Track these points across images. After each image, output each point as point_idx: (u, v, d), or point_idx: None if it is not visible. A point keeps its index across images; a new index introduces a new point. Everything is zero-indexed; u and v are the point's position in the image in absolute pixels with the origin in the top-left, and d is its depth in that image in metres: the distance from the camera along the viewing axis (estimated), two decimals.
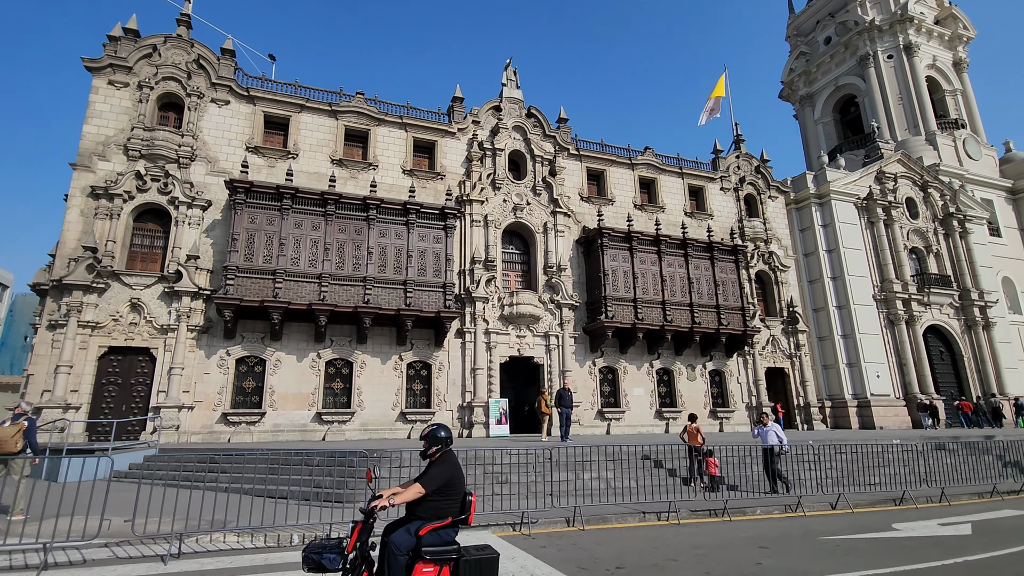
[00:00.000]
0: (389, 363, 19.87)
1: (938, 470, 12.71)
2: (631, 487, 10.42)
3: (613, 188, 25.64)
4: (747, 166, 29.00)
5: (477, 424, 19.91)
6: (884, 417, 25.85)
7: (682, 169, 27.15)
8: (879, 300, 28.14)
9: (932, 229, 31.02)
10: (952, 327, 29.59)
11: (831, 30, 42.98)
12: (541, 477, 10.36)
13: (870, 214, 29.40)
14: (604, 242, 22.66)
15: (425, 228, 20.23)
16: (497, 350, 21.25)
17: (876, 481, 12.16)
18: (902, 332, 27.77)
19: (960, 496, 11.00)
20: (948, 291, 29.42)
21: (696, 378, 24.49)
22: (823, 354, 27.65)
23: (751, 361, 25.56)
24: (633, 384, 23.30)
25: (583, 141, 25.68)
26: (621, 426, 22.51)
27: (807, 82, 44.90)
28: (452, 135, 23.23)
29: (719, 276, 24.60)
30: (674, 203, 26.71)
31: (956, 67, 40.23)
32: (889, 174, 30.77)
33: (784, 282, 27.62)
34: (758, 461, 12.12)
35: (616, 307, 22.19)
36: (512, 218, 22.92)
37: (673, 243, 23.97)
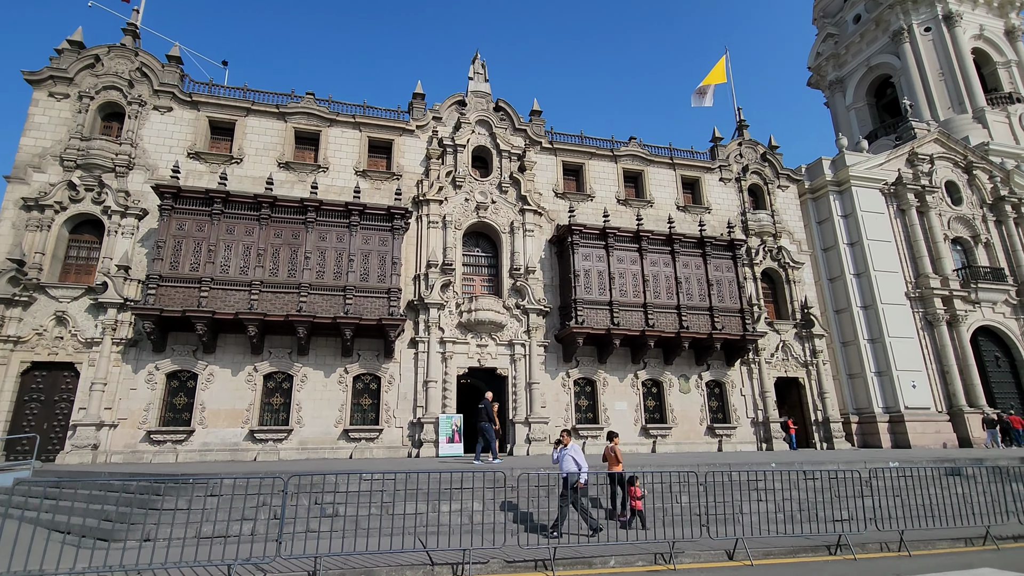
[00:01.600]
0: (333, 376, 18.44)
1: (937, 504, 9.81)
2: (504, 525, 8.32)
3: (593, 183, 23.49)
4: (751, 153, 26.11)
5: (427, 443, 18.08)
6: (922, 434, 22.05)
7: (673, 159, 24.66)
8: (913, 298, 24.39)
9: (980, 216, 26.90)
10: (1009, 328, 25.30)
11: (860, 7, 39.23)
12: (386, 510, 8.43)
13: (900, 201, 25.76)
14: (575, 240, 20.52)
15: (370, 230, 18.82)
16: (454, 361, 19.42)
17: (843, 517, 9.44)
18: (943, 335, 23.87)
19: (935, 542, 8.17)
20: (1002, 286, 25.22)
21: (690, 390, 21.71)
22: (848, 362, 24.14)
23: (757, 370, 22.50)
24: (614, 398, 20.83)
25: (559, 134, 23.76)
26: (600, 444, 20.03)
27: (836, 66, 41.11)
28: (411, 133, 21.88)
29: (713, 275, 21.86)
30: (664, 196, 24.22)
31: (1009, 36, 35.62)
32: (923, 155, 27.01)
33: (797, 280, 24.41)
34: (712, 489, 9.71)
35: (588, 311, 19.93)
36: (475, 218, 21.20)
37: (657, 239, 21.51)
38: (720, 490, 9.99)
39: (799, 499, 10.00)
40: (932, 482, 10.97)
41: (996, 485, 11.14)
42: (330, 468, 10.38)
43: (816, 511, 9.40)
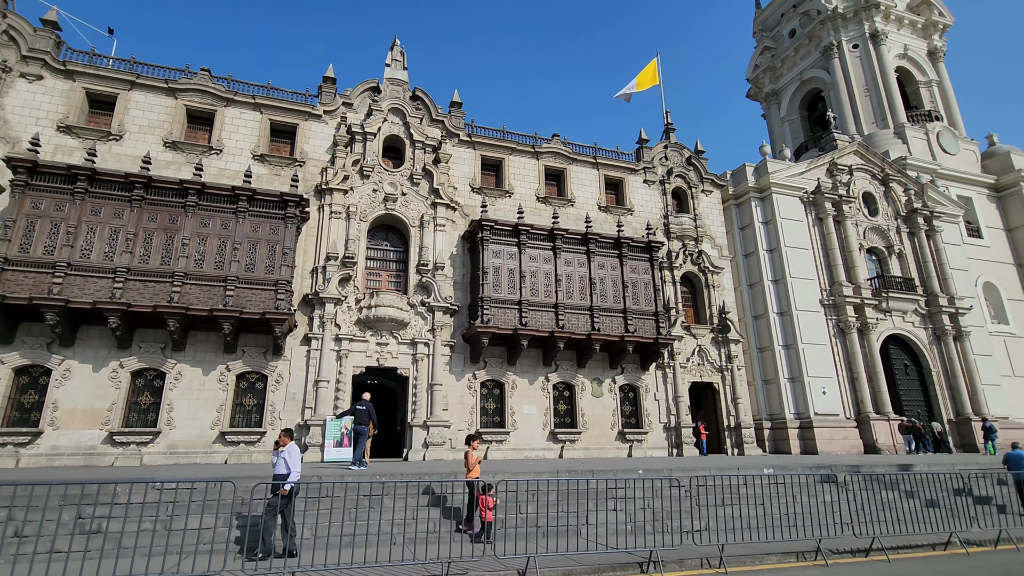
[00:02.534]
0: (213, 374, 17.00)
1: (800, 513, 9.34)
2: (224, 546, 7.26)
3: (512, 179, 22.77)
4: (677, 157, 25.97)
5: (313, 446, 16.85)
6: (830, 440, 22.15)
7: (597, 159, 24.21)
8: (827, 306, 24.63)
9: (894, 227, 27.52)
10: (918, 337, 25.88)
11: (796, 22, 40.15)
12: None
13: (818, 209, 26.07)
14: (485, 236, 19.71)
15: (260, 218, 17.50)
16: (350, 360, 18.27)
17: (696, 528, 8.84)
18: (854, 342, 24.17)
19: (763, 557, 7.58)
20: (912, 296, 25.79)
21: (603, 394, 21.17)
22: (763, 368, 24.14)
23: (672, 375, 22.17)
24: (523, 401, 20.07)
25: (480, 127, 22.95)
26: (504, 449, 19.25)
27: (772, 78, 41.98)
28: (317, 118, 20.66)
29: (629, 277, 21.44)
30: (586, 196, 23.72)
31: (931, 56, 36.99)
32: (843, 166, 27.49)
33: (716, 285, 24.30)
34: (571, 496, 8.95)
35: (495, 310, 19.12)
36: (382, 210, 20.13)
37: (572, 238, 20.93)
38: (578, 499, 9.25)
39: (657, 508, 9.38)
40: (804, 489, 10.56)
41: (867, 493, 10.82)
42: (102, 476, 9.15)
43: (671, 521, 8.78)
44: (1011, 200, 32.18)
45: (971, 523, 9.96)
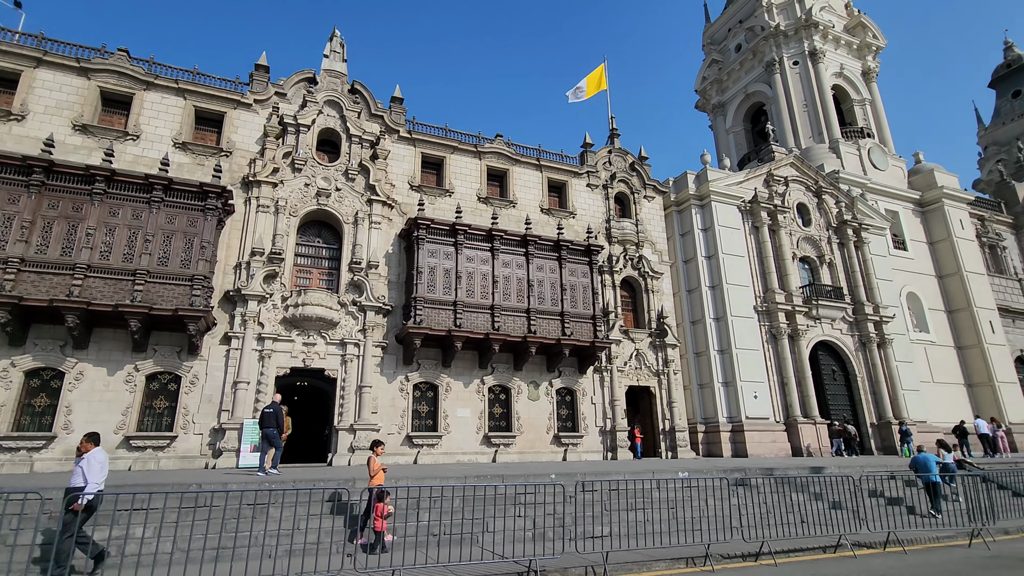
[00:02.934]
0: (120, 374, 15.88)
1: (707, 516, 9.31)
2: None
3: (453, 178, 22.40)
4: (621, 162, 26.19)
5: (228, 452, 15.96)
6: (759, 443, 22.69)
7: (540, 161, 24.12)
8: (761, 312, 25.30)
9: (826, 237, 28.58)
10: (845, 344, 26.89)
11: (741, 37, 41.43)
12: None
13: (755, 218, 26.79)
14: (421, 235, 19.26)
15: (177, 209, 16.51)
16: (273, 360, 17.45)
17: (599, 534, 8.68)
18: (785, 348, 24.89)
19: (652, 564, 7.41)
20: (840, 304, 26.80)
21: (539, 397, 21.00)
22: (699, 372, 24.54)
23: (609, 378, 22.23)
24: (457, 404, 19.67)
25: (421, 124, 22.49)
26: (436, 454, 18.79)
27: (719, 91, 43.18)
28: (247, 107, 19.75)
29: (568, 280, 21.38)
30: (529, 198, 23.58)
31: (865, 76, 38.81)
32: (779, 177, 28.37)
33: (656, 290, 24.58)
34: (477, 502, 8.59)
35: (429, 311, 18.68)
36: (314, 205, 19.39)
37: (511, 240, 20.72)
38: (484, 505, 8.93)
39: (562, 514, 9.17)
40: (714, 493, 10.57)
41: (776, 496, 10.96)
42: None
43: (576, 527, 8.58)
44: (934, 215, 33.99)
45: (874, 525, 10.18)
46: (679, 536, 8.26)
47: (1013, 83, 59.34)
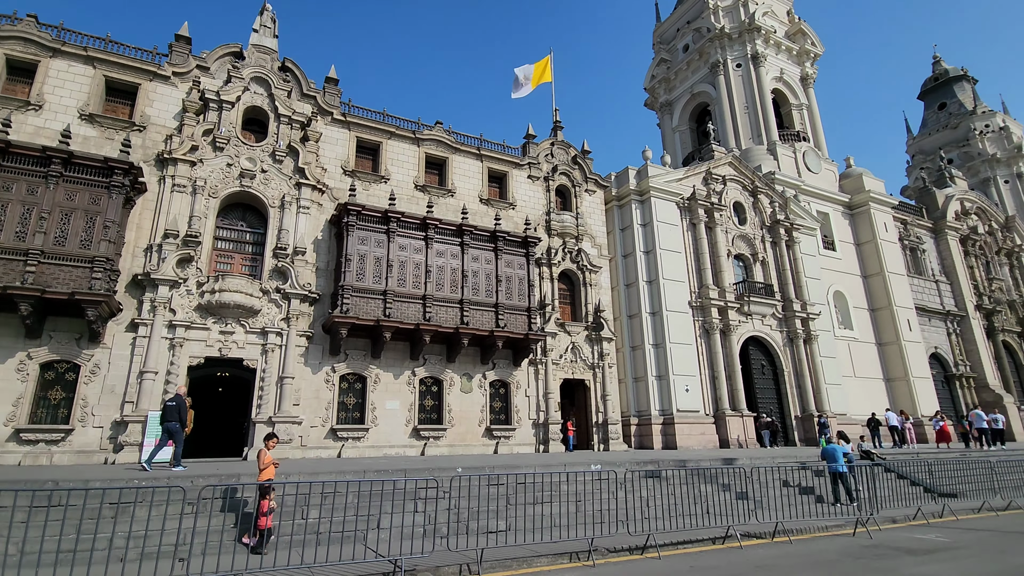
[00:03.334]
0: (11, 362, 14.67)
1: (611, 509, 9.30)
2: None
3: (390, 164, 21.79)
4: (563, 155, 26.16)
5: (130, 445, 15.00)
6: (689, 436, 23.24)
7: (481, 150, 23.78)
8: (695, 307, 25.88)
9: (760, 236, 29.49)
10: (774, 339, 27.88)
11: (689, 37, 42.19)
12: None
13: (692, 215, 27.34)
14: (351, 222, 18.63)
15: (79, 185, 15.31)
16: (185, 349, 16.52)
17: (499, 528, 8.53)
18: (716, 342, 25.56)
19: (532, 560, 7.25)
20: (770, 301, 27.74)
21: (473, 390, 20.78)
22: (635, 366, 24.91)
23: (544, 371, 22.23)
24: (387, 396, 19.21)
25: (357, 107, 21.75)
26: (362, 447, 18.30)
27: (667, 90, 43.90)
28: (165, 79, 18.54)
29: (504, 271, 21.20)
30: (468, 187, 23.22)
31: (803, 82, 40.23)
32: (717, 176, 29.04)
33: (594, 284, 24.74)
34: (374, 497, 8.22)
35: (357, 300, 18.11)
36: (236, 187, 18.43)
37: (446, 229, 20.34)
38: (382, 500, 8.60)
39: (464, 508, 8.99)
40: (623, 485, 10.60)
41: (686, 487, 11.12)
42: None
43: (473, 522, 8.40)
44: (861, 218, 35.65)
45: (777, 514, 10.42)
46: (577, 530, 8.21)
47: (939, 96, 62.99)
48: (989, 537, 9.34)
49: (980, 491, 14.02)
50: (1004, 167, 55.17)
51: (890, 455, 16.65)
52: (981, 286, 39.31)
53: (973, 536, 9.41)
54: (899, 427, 22.94)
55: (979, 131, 56.94)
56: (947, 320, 36.98)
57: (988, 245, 41.69)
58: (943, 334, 36.65)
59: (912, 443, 22.96)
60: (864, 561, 7.42)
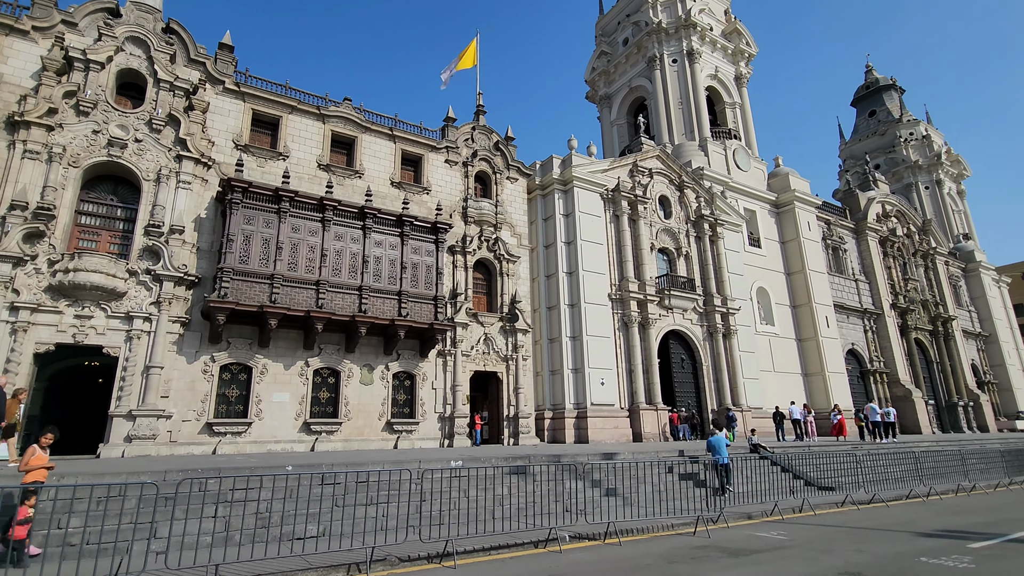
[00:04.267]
0: None
1: (441, 513, 8.50)
2: None
3: (290, 141, 20.36)
4: (485, 141, 25.27)
5: None
6: (601, 430, 22.89)
7: (394, 131, 22.61)
8: (615, 300, 25.56)
9: (684, 231, 29.49)
10: (694, 334, 27.94)
11: (629, 31, 42.02)
12: None
13: (616, 207, 26.99)
14: (235, 199, 17.18)
15: None
16: (31, 334, 14.77)
17: (311, 534, 7.59)
18: (635, 336, 25.33)
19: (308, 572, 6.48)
20: (692, 295, 27.76)
21: (373, 382, 19.70)
22: (552, 358, 24.37)
23: (452, 363, 21.36)
24: (275, 388, 17.90)
25: (255, 78, 20.20)
26: (242, 443, 16.96)
27: (607, 83, 43.67)
28: (23, 34, 16.55)
29: (411, 258, 20.17)
30: (379, 169, 22.03)
31: (738, 81, 40.72)
32: (644, 169, 28.83)
33: (511, 274, 24.02)
34: (181, 500, 7.10)
35: (239, 284, 16.72)
36: (103, 156, 16.67)
37: (347, 211, 19.13)
38: (173, 506, 7.48)
39: (276, 511, 8.02)
40: (480, 483, 9.84)
41: (552, 484, 10.48)
42: None
43: (286, 526, 7.43)
44: (786, 216, 36.35)
45: (639, 511, 9.93)
46: (398, 533, 7.38)
47: (870, 103, 65.57)
48: (829, 534, 9.06)
49: (862, 484, 14.05)
50: (925, 174, 57.90)
51: (780, 448, 16.63)
52: (897, 286, 40.94)
53: (814, 533, 9.13)
54: (801, 420, 23.28)
55: (904, 138, 59.53)
56: (864, 318, 38.27)
57: (906, 247, 43.44)
58: (860, 331, 37.92)
59: (813, 436, 23.36)
60: (677, 565, 6.89)
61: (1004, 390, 46.90)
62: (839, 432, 22.74)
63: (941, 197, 57.04)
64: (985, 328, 48.30)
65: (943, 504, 12.54)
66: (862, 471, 14.72)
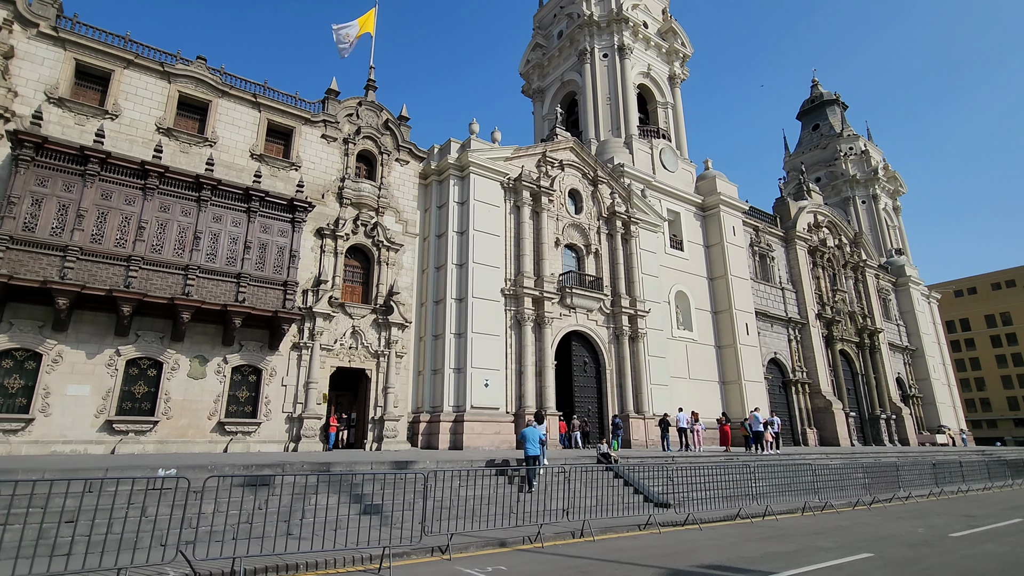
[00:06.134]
0: None
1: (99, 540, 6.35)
2: None
3: (124, 99, 17.88)
4: (373, 118, 23.18)
5: None
6: (480, 435, 20.94)
7: (259, 98, 20.32)
8: (508, 296, 23.72)
9: (596, 227, 27.95)
10: (599, 336, 26.32)
11: (563, 24, 40.70)
12: None
13: (517, 197, 25.23)
14: (24, 155, 14.65)
15: None
16: None
17: None
18: (527, 335, 23.52)
19: None
20: (598, 295, 26.16)
21: (206, 375, 17.29)
22: (435, 356, 22.33)
23: (308, 356, 19.10)
24: (72, 379, 15.33)
25: (84, 25, 17.67)
26: (18, 442, 14.36)
27: (540, 76, 42.22)
28: None
29: (260, 237, 17.91)
30: (237, 139, 19.70)
31: (671, 81, 39.74)
32: (554, 160, 27.19)
33: (392, 263, 21.93)
34: None
35: (19, 254, 14.18)
36: None
37: (178, 180, 16.76)
38: None
39: None
40: (186, 495, 7.68)
41: (294, 499, 8.42)
42: None
43: None
44: (712, 220, 35.31)
45: (393, 534, 7.98)
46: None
47: (815, 117, 66.13)
48: (560, 570, 7.28)
49: (712, 499, 12.42)
50: (862, 188, 58.38)
51: (637, 459, 14.93)
52: (825, 296, 40.43)
53: (543, 568, 7.36)
54: (688, 429, 21.82)
55: (844, 153, 60.01)
56: (789, 327, 37.51)
57: (836, 258, 43.09)
58: (784, 340, 37.11)
59: (699, 446, 21.94)
60: None
61: (928, 404, 47.05)
62: (723, 442, 21.34)
63: (877, 212, 57.55)
64: (913, 342, 48.48)
65: (766, 526, 10.94)
66: (719, 486, 13.13)
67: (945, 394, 49.02)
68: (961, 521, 11.68)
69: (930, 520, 11.76)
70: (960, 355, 73.22)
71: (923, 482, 17.88)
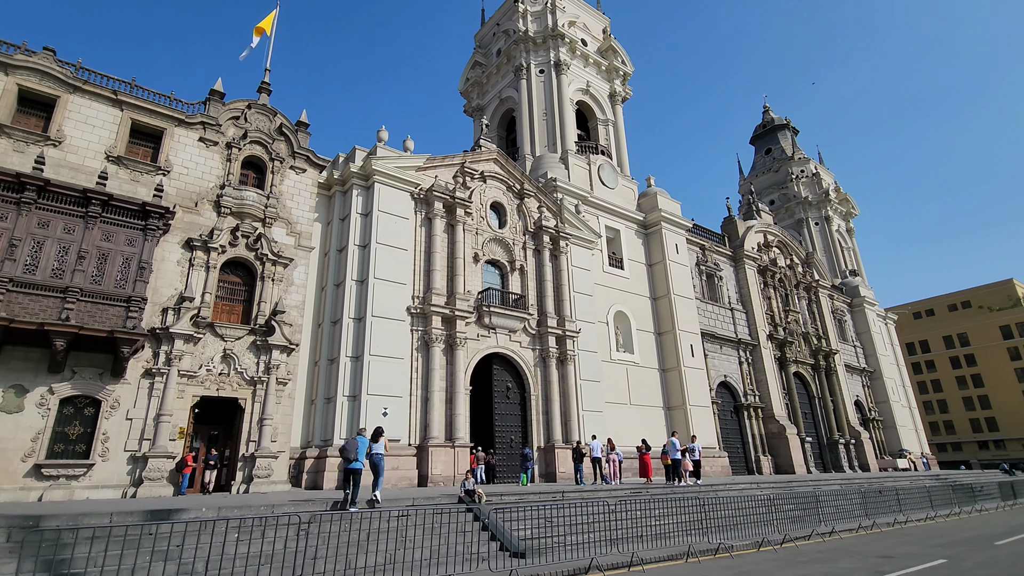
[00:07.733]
0: None
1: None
2: None
3: None
4: (265, 122, 21.20)
5: None
6: None
7: (120, 95, 18.19)
8: (416, 315, 21.51)
9: (521, 243, 26.11)
10: (524, 359, 24.14)
11: (501, 41, 39.85)
12: None
13: (429, 209, 23.31)
14: None
15: None
16: None
17: None
18: (436, 358, 21.23)
19: None
20: (521, 314, 24.10)
21: (22, 408, 14.55)
22: (328, 383, 19.85)
23: (164, 384, 16.47)
24: None
25: None
26: None
27: (480, 94, 41.11)
28: None
29: (101, 246, 15.51)
30: (91, 139, 17.44)
31: (612, 99, 38.90)
32: (474, 171, 25.48)
33: (280, 279, 19.61)
34: None
35: None
36: None
37: None
38: None
39: None
40: None
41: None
42: None
43: None
44: (654, 238, 33.87)
45: None
46: None
47: (767, 141, 66.59)
48: None
49: (584, 545, 10.14)
50: (815, 210, 58.26)
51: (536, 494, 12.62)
52: (778, 317, 39.07)
53: None
54: (602, 459, 19.55)
55: (795, 175, 60.10)
56: (740, 348, 35.88)
57: (788, 278, 41.99)
58: (735, 363, 35.40)
59: (616, 478, 19.68)
60: None
61: (889, 427, 45.59)
62: (643, 472, 19.15)
63: (830, 233, 57.30)
64: (870, 364, 47.32)
65: None
66: (607, 527, 10.87)
67: (906, 417, 47.69)
68: (871, 567, 9.59)
69: (836, 565, 9.65)
70: (922, 377, 72.74)
71: (854, 514, 15.86)
